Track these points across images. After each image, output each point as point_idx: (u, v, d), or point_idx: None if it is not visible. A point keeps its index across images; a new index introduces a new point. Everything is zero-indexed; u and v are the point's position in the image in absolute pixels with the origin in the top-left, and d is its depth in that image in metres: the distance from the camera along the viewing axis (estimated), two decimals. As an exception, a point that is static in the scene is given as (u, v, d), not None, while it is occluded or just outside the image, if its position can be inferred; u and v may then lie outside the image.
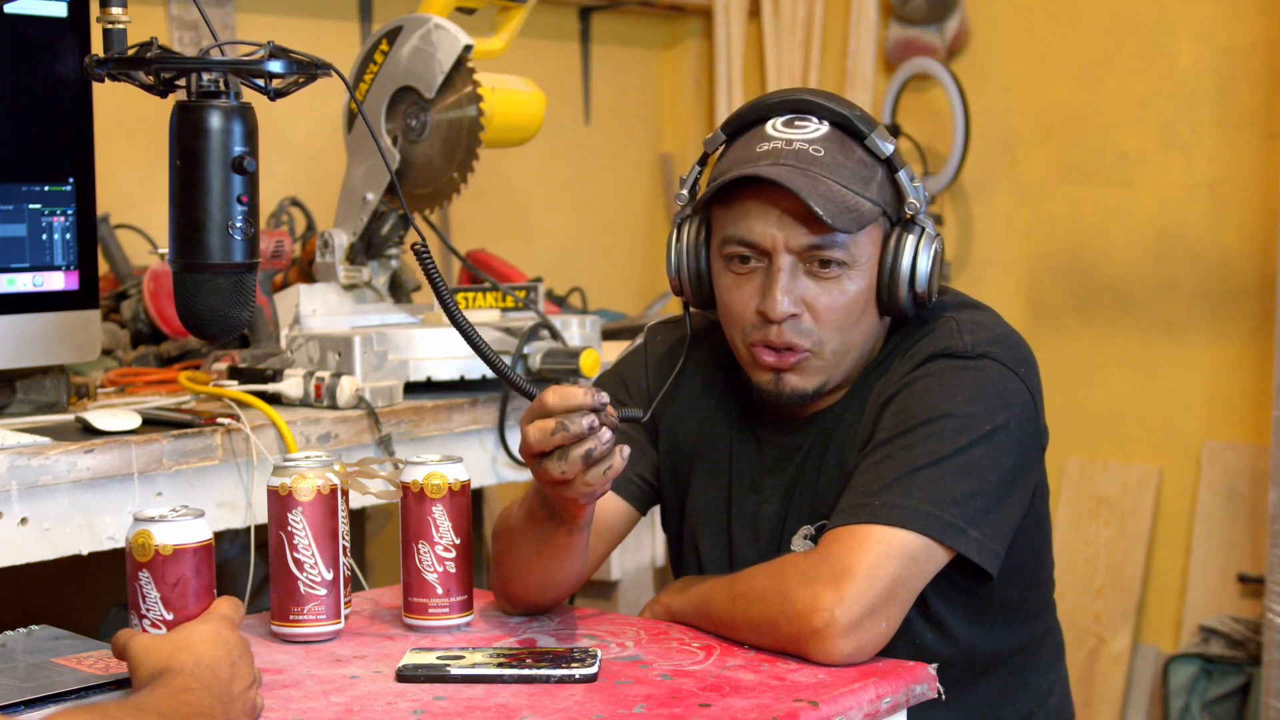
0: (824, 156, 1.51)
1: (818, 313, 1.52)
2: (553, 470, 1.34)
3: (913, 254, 1.52)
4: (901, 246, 1.52)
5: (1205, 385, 3.25)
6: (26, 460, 1.71)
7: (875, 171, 1.53)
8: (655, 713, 1.27)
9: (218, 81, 1.29)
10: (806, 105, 1.55)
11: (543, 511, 1.47)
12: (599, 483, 1.35)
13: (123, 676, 1.33)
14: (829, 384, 1.55)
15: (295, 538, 1.47)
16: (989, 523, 1.46)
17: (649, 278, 3.92)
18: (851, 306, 1.52)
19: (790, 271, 1.51)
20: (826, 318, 1.52)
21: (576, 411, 1.32)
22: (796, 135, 1.52)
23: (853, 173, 1.51)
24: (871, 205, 1.51)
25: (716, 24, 3.85)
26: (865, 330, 1.55)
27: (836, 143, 1.52)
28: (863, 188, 1.51)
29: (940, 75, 3.49)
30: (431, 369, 2.18)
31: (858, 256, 1.51)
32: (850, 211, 1.49)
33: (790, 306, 1.50)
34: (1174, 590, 3.28)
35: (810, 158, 1.50)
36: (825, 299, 1.51)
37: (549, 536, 1.48)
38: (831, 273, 1.51)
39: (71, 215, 1.94)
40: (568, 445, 1.32)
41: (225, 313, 1.32)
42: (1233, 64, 3.19)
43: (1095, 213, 3.39)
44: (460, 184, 2.24)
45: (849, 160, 1.52)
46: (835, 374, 1.55)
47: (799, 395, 1.55)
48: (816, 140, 1.52)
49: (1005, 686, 1.61)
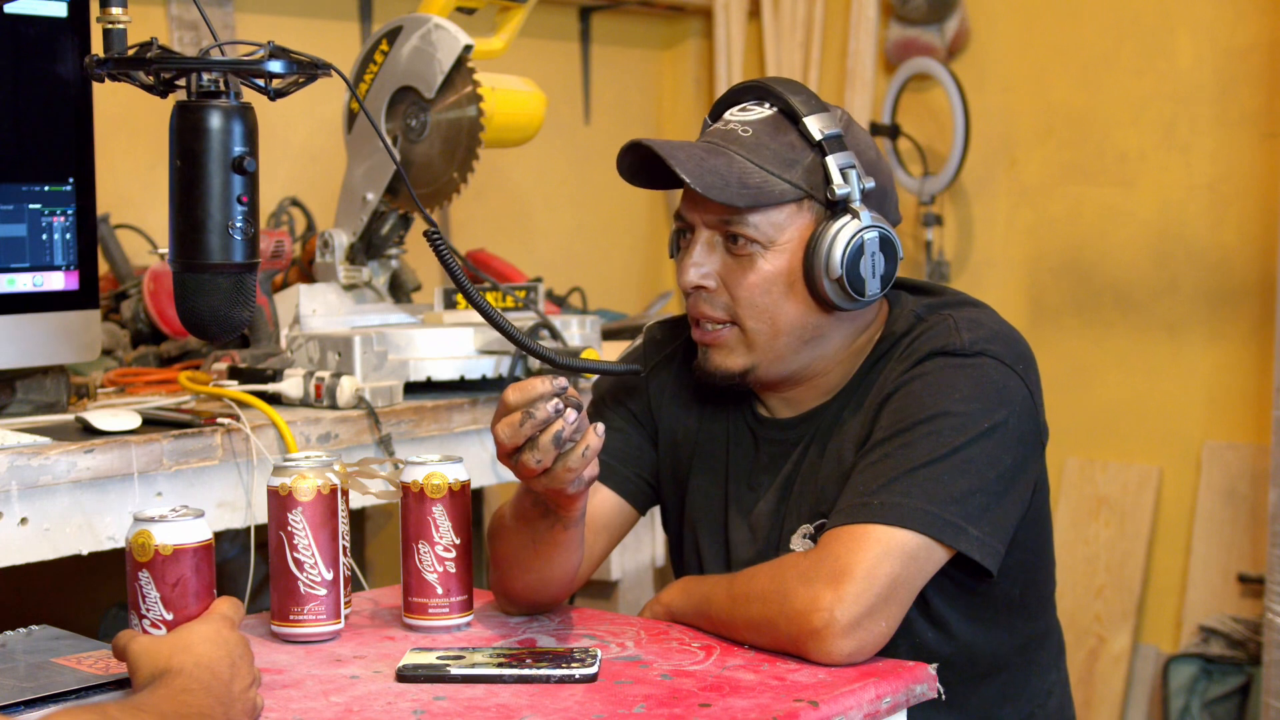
0: (749, 137, 1.53)
1: (731, 289, 1.54)
2: (529, 462, 1.35)
3: (830, 240, 1.52)
4: (823, 233, 1.52)
5: (1205, 385, 3.25)
6: (26, 460, 1.71)
7: (804, 155, 1.54)
8: (655, 713, 1.27)
9: (218, 81, 1.29)
10: (762, 91, 1.58)
11: (535, 510, 1.48)
12: (580, 465, 1.36)
13: (123, 676, 1.33)
14: (760, 368, 1.56)
15: (295, 538, 1.47)
16: (989, 520, 1.46)
17: (649, 278, 3.92)
18: (766, 285, 1.53)
19: (705, 245, 1.55)
20: (739, 294, 1.54)
21: (539, 400, 1.34)
22: (739, 118, 1.56)
23: (774, 154, 1.53)
24: (788, 186, 1.52)
25: (716, 24, 3.85)
26: (795, 316, 1.55)
27: (770, 125, 1.55)
28: (782, 169, 1.52)
29: (940, 75, 3.49)
30: (431, 369, 2.18)
31: (772, 236, 1.52)
32: (748, 188, 1.50)
33: (696, 277, 1.54)
34: (1174, 590, 3.29)
35: (734, 137, 1.54)
36: (739, 274, 1.54)
37: (544, 534, 1.49)
38: (743, 249, 1.53)
39: (71, 215, 1.94)
40: (537, 434, 1.34)
41: (225, 313, 1.32)
42: (1233, 64, 3.19)
43: (1095, 213, 3.40)
44: (460, 184, 2.24)
45: (774, 142, 1.53)
46: (767, 358, 1.56)
47: (724, 374, 1.57)
48: (752, 122, 1.55)
49: (1006, 687, 1.61)
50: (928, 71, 3.52)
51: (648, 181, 1.59)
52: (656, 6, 3.84)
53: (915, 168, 3.52)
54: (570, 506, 1.44)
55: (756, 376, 1.57)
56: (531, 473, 1.36)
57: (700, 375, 1.60)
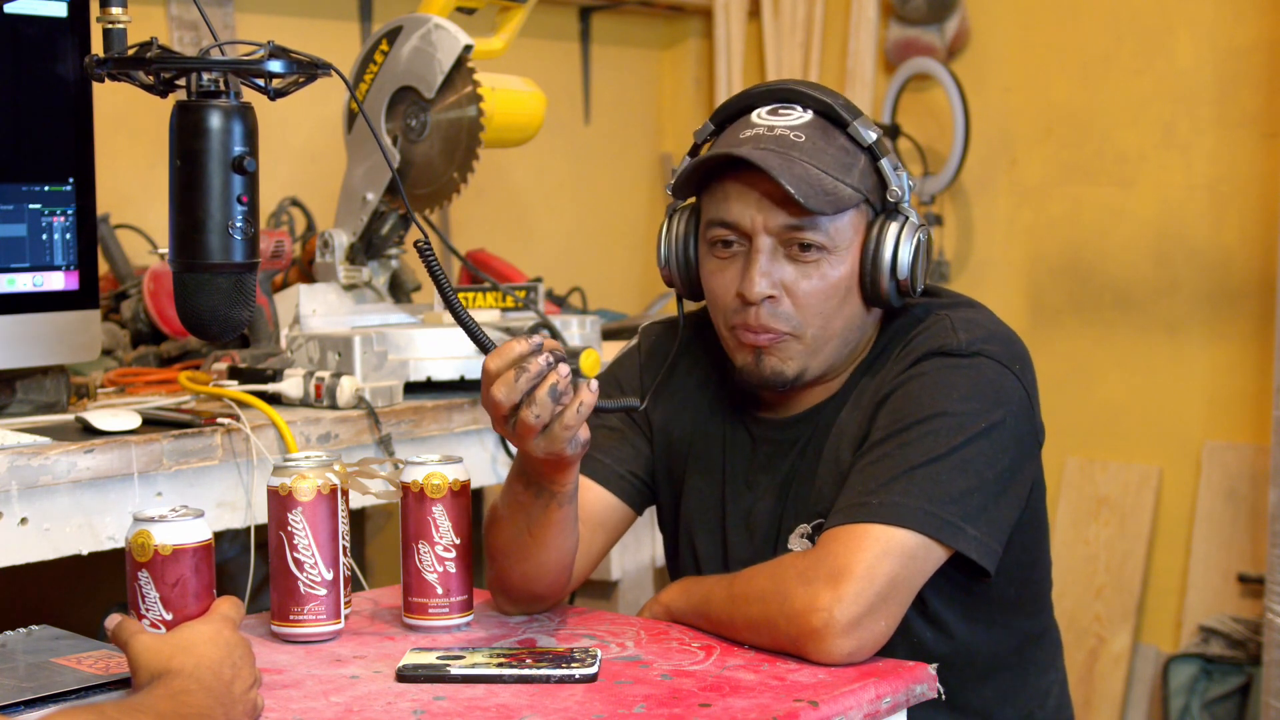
0: (804, 142, 1.52)
1: (797, 297, 1.53)
2: (528, 419, 1.35)
3: (894, 241, 1.52)
4: (884, 234, 1.53)
5: (1205, 385, 3.25)
6: (26, 460, 1.71)
7: (857, 159, 1.54)
8: (655, 713, 1.27)
9: (218, 81, 1.29)
10: (791, 94, 1.56)
11: (527, 492, 1.48)
12: (577, 422, 1.36)
13: (123, 676, 1.33)
14: (809, 371, 1.56)
15: (295, 538, 1.47)
16: (986, 520, 1.46)
17: (649, 278, 3.92)
18: (831, 292, 1.53)
19: (769, 254, 1.52)
20: (806, 302, 1.52)
21: (527, 356, 1.34)
22: (779, 122, 1.54)
23: (833, 159, 1.52)
24: (852, 191, 1.52)
25: (716, 24, 3.85)
26: (848, 319, 1.55)
27: (819, 129, 1.54)
28: (843, 174, 1.52)
29: (940, 75, 3.49)
30: (431, 369, 2.18)
31: (838, 242, 1.52)
32: (827, 194, 1.50)
33: (767, 288, 1.52)
34: (1174, 590, 3.28)
35: (790, 143, 1.52)
36: (805, 283, 1.52)
37: (538, 515, 1.49)
38: (811, 256, 1.52)
39: (71, 215, 1.94)
40: (535, 389, 1.34)
41: (225, 313, 1.32)
42: (1233, 64, 3.19)
43: (1095, 213, 3.39)
44: (460, 184, 2.24)
45: (830, 147, 1.53)
46: (816, 361, 1.55)
47: (778, 377, 1.55)
48: (798, 127, 1.53)
49: (1004, 687, 1.61)
50: (928, 71, 3.52)
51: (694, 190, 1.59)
52: (656, 6, 3.84)
53: (915, 168, 3.52)
54: (563, 478, 1.44)
55: (803, 379, 1.57)
56: (531, 430, 1.36)
57: (749, 380, 1.57)
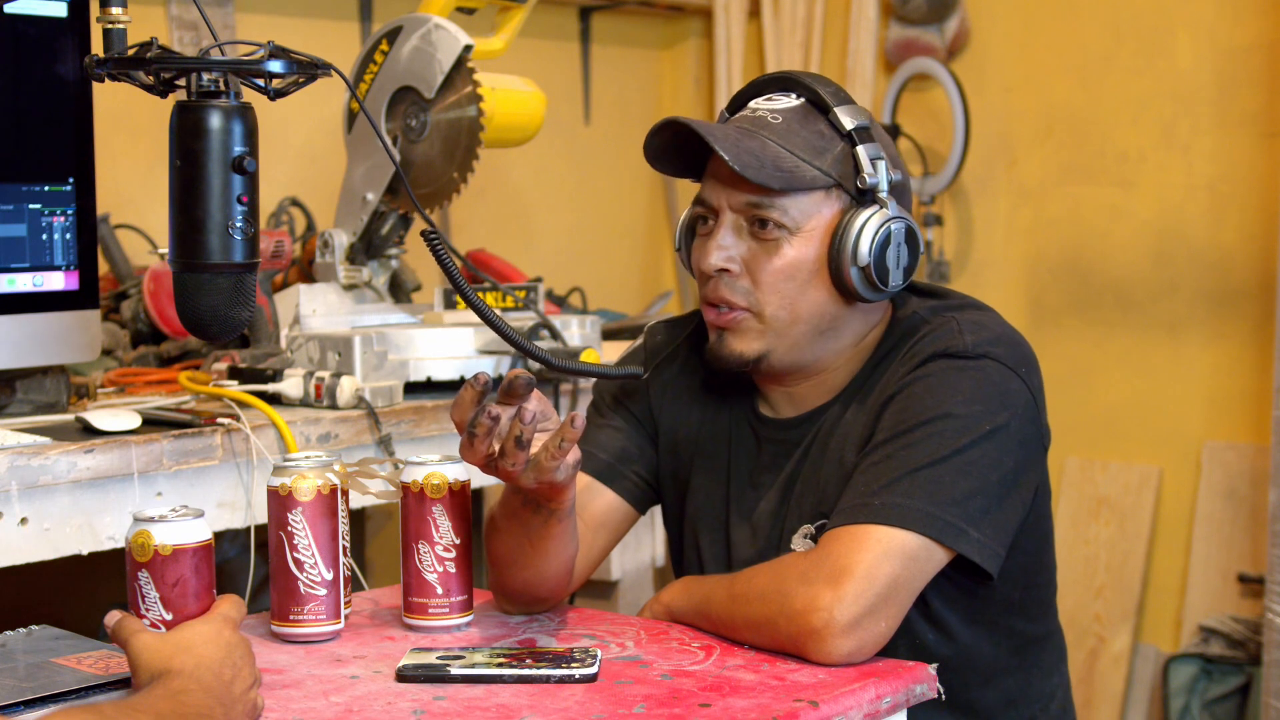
0: (779, 124, 1.54)
1: (755, 274, 1.54)
2: (507, 468, 1.36)
3: (859, 229, 1.52)
4: (851, 221, 1.53)
5: (1205, 385, 3.25)
6: (26, 460, 1.71)
7: (834, 144, 1.54)
8: (655, 713, 1.27)
9: (218, 81, 1.29)
10: (789, 81, 1.59)
11: (525, 508, 1.48)
12: (560, 455, 1.36)
13: (123, 676, 1.33)
14: (775, 354, 1.56)
15: (295, 538, 1.47)
16: (989, 523, 1.46)
17: (649, 278, 3.92)
18: (791, 272, 1.53)
19: (731, 229, 1.54)
20: (763, 279, 1.53)
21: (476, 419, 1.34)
22: (767, 106, 1.57)
23: (804, 141, 1.53)
24: (818, 173, 1.53)
25: (716, 24, 3.85)
26: (816, 304, 1.55)
27: (799, 114, 1.55)
28: (812, 156, 1.53)
29: (940, 75, 3.49)
30: (431, 369, 2.18)
31: (800, 223, 1.53)
32: (781, 171, 1.51)
33: (722, 260, 1.53)
34: (1174, 590, 3.28)
35: (765, 124, 1.54)
36: (763, 259, 1.53)
37: (537, 529, 1.49)
38: (770, 234, 1.53)
39: (71, 215, 1.94)
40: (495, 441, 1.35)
41: (225, 313, 1.32)
42: (1233, 64, 3.19)
43: (1095, 213, 3.39)
44: (460, 184, 2.24)
45: (805, 130, 1.54)
46: (782, 345, 1.55)
47: (737, 358, 1.56)
48: (781, 110, 1.56)
49: (1008, 690, 1.60)
50: (928, 71, 3.52)
51: (672, 166, 1.60)
52: (656, 6, 3.84)
53: (915, 168, 3.52)
54: (559, 498, 1.45)
55: (769, 364, 1.57)
56: (514, 475, 1.37)
57: (712, 360, 1.59)
